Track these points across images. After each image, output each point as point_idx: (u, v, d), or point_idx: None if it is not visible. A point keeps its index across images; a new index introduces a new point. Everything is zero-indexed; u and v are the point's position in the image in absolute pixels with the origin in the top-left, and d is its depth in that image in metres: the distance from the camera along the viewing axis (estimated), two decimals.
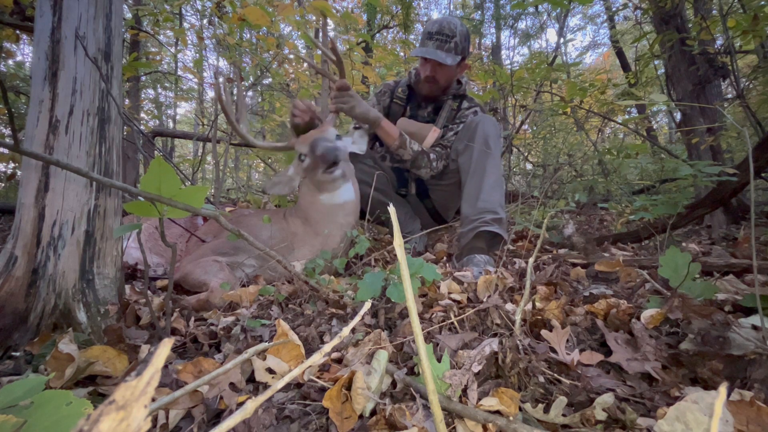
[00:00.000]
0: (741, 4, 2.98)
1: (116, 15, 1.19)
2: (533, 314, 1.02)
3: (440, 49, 1.92)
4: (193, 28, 6.71)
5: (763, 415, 0.59)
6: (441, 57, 1.89)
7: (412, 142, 1.95)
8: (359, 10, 6.32)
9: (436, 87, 2.05)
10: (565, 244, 2.06)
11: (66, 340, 0.85)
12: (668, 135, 7.58)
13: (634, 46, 6.45)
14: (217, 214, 1.01)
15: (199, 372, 0.81)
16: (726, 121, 3.06)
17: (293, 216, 1.72)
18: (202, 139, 4.45)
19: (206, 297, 1.32)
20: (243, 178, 9.03)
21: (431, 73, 1.99)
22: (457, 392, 0.70)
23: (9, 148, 0.82)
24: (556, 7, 5.40)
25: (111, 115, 1.14)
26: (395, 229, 0.53)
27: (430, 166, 2.02)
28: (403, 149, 1.94)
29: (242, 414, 0.36)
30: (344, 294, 1.22)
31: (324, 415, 0.69)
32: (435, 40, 1.92)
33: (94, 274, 1.07)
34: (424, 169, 2.03)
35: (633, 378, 0.78)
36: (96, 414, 0.20)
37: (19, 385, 0.60)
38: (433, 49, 1.92)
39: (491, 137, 1.84)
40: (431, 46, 1.93)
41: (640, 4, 4.23)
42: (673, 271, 1.07)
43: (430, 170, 2.04)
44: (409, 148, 1.95)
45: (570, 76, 6.67)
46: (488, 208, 1.77)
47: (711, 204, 1.82)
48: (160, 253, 1.81)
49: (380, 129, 1.90)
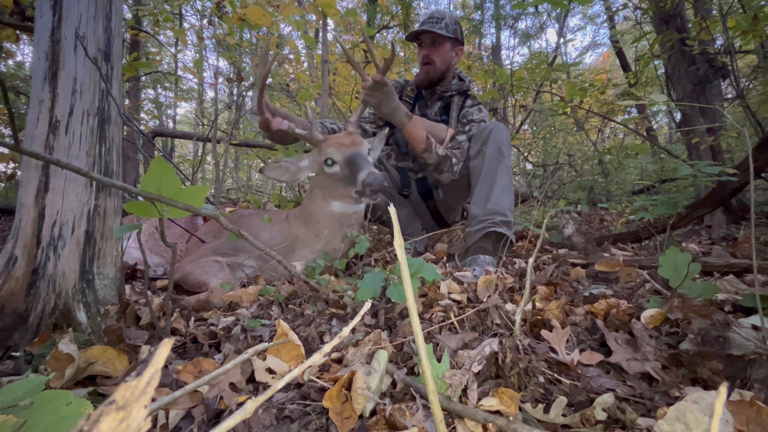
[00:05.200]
0: (741, 4, 2.98)
1: (116, 15, 1.19)
2: (533, 314, 1.02)
3: (432, 27, 2.02)
4: (193, 28, 6.71)
5: (763, 415, 0.59)
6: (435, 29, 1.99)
7: (437, 146, 1.90)
8: (359, 11, 6.32)
9: (434, 69, 2.08)
10: (565, 244, 2.06)
11: (66, 341, 0.85)
12: (668, 135, 7.58)
13: (634, 46, 6.45)
14: (217, 214, 1.01)
15: (199, 372, 0.81)
16: (726, 121, 3.06)
17: (296, 218, 1.70)
18: (202, 139, 4.45)
19: (206, 297, 1.32)
20: (243, 178, 9.03)
21: (427, 52, 2.06)
22: (457, 392, 0.70)
23: (9, 148, 0.82)
24: (556, 7, 5.40)
25: (111, 115, 1.14)
26: (396, 229, 0.53)
27: (451, 170, 1.97)
28: (429, 153, 1.88)
29: (242, 414, 0.36)
30: (344, 294, 1.22)
31: (324, 415, 0.69)
32: (427, 23, 2.04)
33: (94, 274, 1.07)
34: (446, 173, 1.98)
35: (633, 378, 0.78)
36: (96, 414, 0.20)
37: (19, 385, 0.60)
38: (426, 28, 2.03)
39: (504, 144, 1.86)
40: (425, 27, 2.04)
41: (640, 4, 4.23)
42: (673, 271, 1.07)
43: (452, 174, 1.98)
44: (435, 152, 1.89)
45: (570, 76, 6.67)
46: (498, 210, 1.77)
47: (711, 204, 1.82)
48: (160, 253, 1.81)
49: (406, 131, 1.84)
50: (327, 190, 1.64)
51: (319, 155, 1.64)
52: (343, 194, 1.60)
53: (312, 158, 1.68)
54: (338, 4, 6.76)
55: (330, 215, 1.64)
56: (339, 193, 1.61)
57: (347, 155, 1.57)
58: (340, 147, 1.59)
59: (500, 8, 7.21)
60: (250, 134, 5.58)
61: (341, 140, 1.62)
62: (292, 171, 1.66)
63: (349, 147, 1.59)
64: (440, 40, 2.04)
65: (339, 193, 1.61)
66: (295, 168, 1.66)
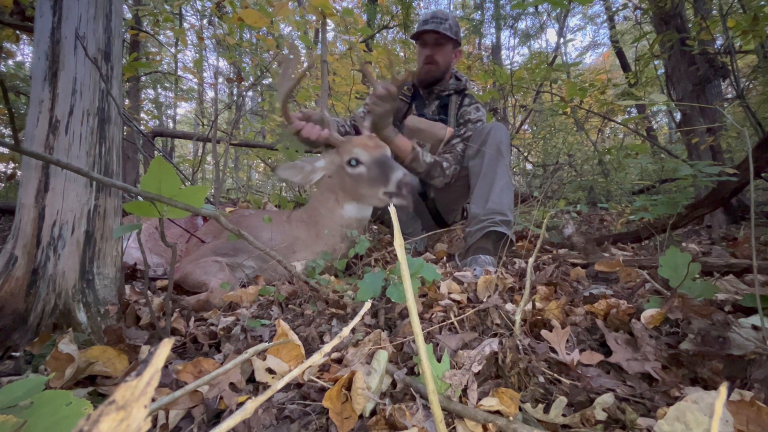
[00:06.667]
0: (741, 4, 2.99)
1: (116, 15, 1.19)
2: (533, 314, 1.02)
3: (437, 27, 2.03)
4: (193, 28, 6.71)
5: (763, 415, 0.59)
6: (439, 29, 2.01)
7: (424, 154, 1.93)
8: (359, 11, 6.33)
9: (436, 69, 2.09)
10: (565, 244, 2.06)
11: (66, 341, 0.85)
12: (668, 135, 7.58)
13: (634, 46, 6.45)
14: (217, 214, 1.01)
15: (199, 372, 0.81)
16: (726, 121, 3.06)
17: (299, 220, 1.69)
18: (202, 139, 4.45)
19: (206, 297, 1.32)
20: (243, 178, 9.03)
21: (430, 52, 2.07)
22: (457, 392, 0.70)
23: (9, 148, 0.82)
24: (556, 7, 5.40)
25: (111, 115, 1.14)
26: (396, 229, 0.53)
27: (443, 175, 1.99)
28: (417, 162, 1.91)
29: (242, 414, 0.36)
30: (344, 294, 1.22)
31: (324, 415, 0.69)
32: (431, 23, 2.04)
33: (94, 274, 1.07)
34: (437, 178, 2.00)
35: (633, 378, 0.78)
36: (96, 414, 0.20)
37: (19, 385, 0.60)
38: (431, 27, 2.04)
39: (503, 144, 1.87)
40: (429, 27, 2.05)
41: (640, 4, 4.23)
42: (673, 271, 1.07)
43: (444, 178, 2.01)
44: (423, 161, 1.92)
45: (570, 76, 6.67)
46: (498, 210, 1.77)
47: (711, 204, 1.82)
48: (160, 253, 1.80)
49: (393, 144, 1.85)
50: (345, 192, 1.63)
51: (339, 156, 1.63)
52: (366, 195, 1.61)
53: (329, 159, 1.66)
54: (338, 3, 6.76)
55: (339, 219, 1.64)
56: (361, 194, 1.61)
57: (376, 156, 1.59)
58: (366, 148, 1.60)
59: (500, 8, 7.21)
60: (250, 134, 5.58)
61: (365, 142, 1.63)
62: (306, 171, 1.64)
63: (375, 149, 1.61)
64: (443, 41, 2.05)
65: (361, 194, 1.61)
66: (310, 168, 1.64)
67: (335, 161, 1.64)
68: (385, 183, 1.56)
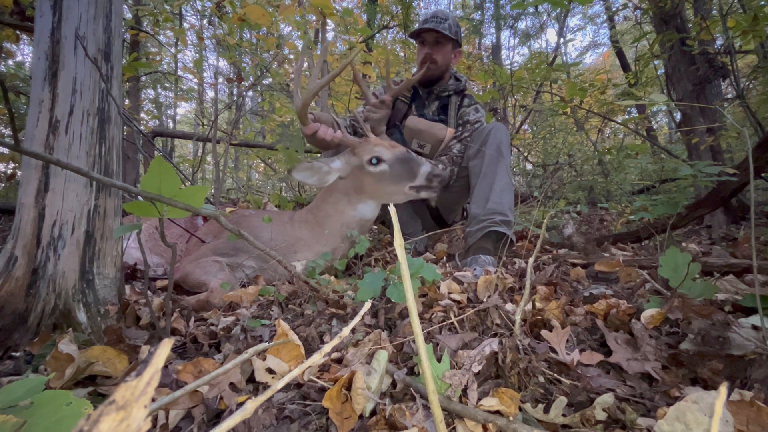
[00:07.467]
0: (741, 4, 2.99)
1: (116, 15, 1.19)
2: (533, 314, 1.01)
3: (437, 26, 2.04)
4: (193, 28, 6.71)
5: (763, 415, 0.59)
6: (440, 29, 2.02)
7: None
8: (359, 11, 6.32)
9: (435, 67, 2.09)
10: (565, 244, 2.06)
11: (66, 341, 0.85)
12: (668, 135, 7.58)
13: (634, 46, 6.45)
14: (217, 214, 1.01)
15: (199, 372, 0.81)
16: (726, 121, 3.06)
17: (302, 221, 1.69)
18: (202, 139, 4.46)
19: (206, 297, 1.32)
20: (243, 178, 9.03)
21: (430, 51, 2.08)
22: (457, 392, 0.70)
23: (9, 148, 0.82)
24: (556, 7, 5.40)
25: (111, 115, 1.14)
26: (396, 229, 0.53)
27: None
28: None
29: (242, 414, 0.36)
30: (344, 294, 1.22)
31: (324, 415, 0.69)
32: (431, 22, 2.05)
33: (94, 274, 1.07)
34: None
35: (633, 378, 0.78)
36: (96, 414, 0.20)
37: (19, 385, 0.60)
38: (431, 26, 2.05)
39: (503, 144, 1.88)
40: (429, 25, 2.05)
41: (640, 4, 4.23)
42: (673, 271, 1.07)
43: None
44: None
45: (570, 76, 6.67)
46: (498, 210, 1.77)
47: (711, 204, 1.82)
48: (160, 253, 1.81)
49: None
50: (361, 192, 1.65)
51: (357, 156, 1.64)
52: (390, 192, 1.63)
53: (345, 159, 1.66)
54: (338, 3, 6.76)
55: (348, 219, 1.65)
56: (384, 191, 1.63)
57: (398, 154, 1.62)
58: (385, 147, 1.64)
59: (500, 8, 7.21)
60: (250, 134, 5.58)
61: (382, 141, 1.66)
62: (322, 172, 1.63)
63: (394, 147, 1.65)
64: (443, 40, 2.05)
65: (384, 191, 1.63)
66: (327, 169, 1.63)
67: (352, 162, 1.65)
68: (412, 177, 1.60)
